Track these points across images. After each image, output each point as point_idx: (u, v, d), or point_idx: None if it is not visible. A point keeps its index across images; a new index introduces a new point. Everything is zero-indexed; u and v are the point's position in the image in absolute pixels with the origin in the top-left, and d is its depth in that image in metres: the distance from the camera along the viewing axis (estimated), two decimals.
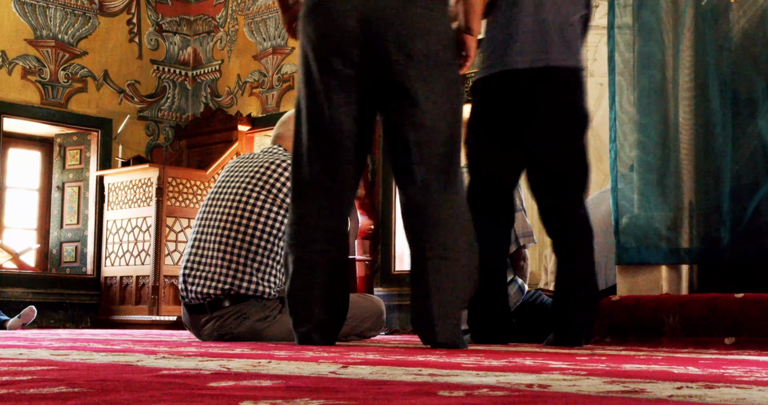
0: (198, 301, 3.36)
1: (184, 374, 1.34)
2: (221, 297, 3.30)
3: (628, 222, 3.27)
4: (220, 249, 3.33)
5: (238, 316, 3.30)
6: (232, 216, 3.36)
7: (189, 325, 3.47)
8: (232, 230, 3.34)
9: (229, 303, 3.30)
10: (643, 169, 3.27)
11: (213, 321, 3.33)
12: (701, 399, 1.00)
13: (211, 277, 3.32)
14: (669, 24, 3.29)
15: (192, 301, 3.38)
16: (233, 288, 3.28)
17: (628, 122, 3.33)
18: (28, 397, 0.97)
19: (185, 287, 3.41)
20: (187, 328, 3.54)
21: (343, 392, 1.06)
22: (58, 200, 9.04)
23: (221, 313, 3.31)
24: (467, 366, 1.58)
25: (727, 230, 3.09)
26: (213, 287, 3.31)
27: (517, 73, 3.04)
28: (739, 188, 3.11)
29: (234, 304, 3.30)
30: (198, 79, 9.65)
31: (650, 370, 1.54)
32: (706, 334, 2.93)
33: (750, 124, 3.12)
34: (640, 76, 3.32)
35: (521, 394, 1.04)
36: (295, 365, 1.57)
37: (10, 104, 8.36)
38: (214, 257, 3.34)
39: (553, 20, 3.03)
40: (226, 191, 3.44)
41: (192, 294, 3.36)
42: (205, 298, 3.33)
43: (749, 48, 3.19)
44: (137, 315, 8.03)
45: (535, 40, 3.03)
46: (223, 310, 3.30)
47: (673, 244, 3.21)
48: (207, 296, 3.32)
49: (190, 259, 3.43)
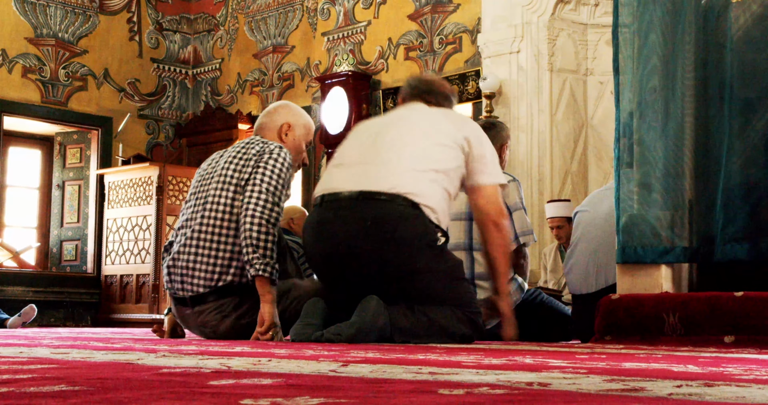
0: (181, 294, 3.38)
1: (185, 373, 1.34)
2: (202, 292, 3.32)
3: (628, 220, 3.27)
4: (200, 244, 3.33)
5: (218, 312, 3.31)
6: (209, 210, 3.35)
7: (176, 315, 3.51)
8: (209, 225, 3.33)
9: (210, 298, 3.32)
10: (643, 168, 3.27)
11: (195, 315, 3.36)
12: (701, 397, 1.00)
13: (192, 274, 3.33)
14: (670, 23, 3.29)
15: (175, 293, 3.41)
16: (212, 283, 3.30)
17: (630, 121, 3.32)
18: (29, 396, 0.97)
19: (169, 279, 3.44)
20: (174, 315, 3.57)
21: (343, 390, 1.06)
22: (58, 199, 9.04)
23: (201, 309, 3.33)
24: (467, 364, 1.58)
25: (727, 229, 3.09)
26: (195, 284, 3.32)
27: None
28: (739, 187, 3.10)
29: (216, 299, 3.31)
30: (198, 77, 9.65)
31: (650, 369, 1.54)
32: (705, 333, 2.93)
33: (750, 123, 3.12)
34: (642, 75, 3.32)
35: (521, 393, 1.04)
36: (295, 364, 1.57)
37: (10, 103, 8.36)
38: (194, 253, 3.34)
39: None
40: (203, 188, 3.44)
41: (176, 285, 3.39)
42: (187, 290, 3.35)
43: (749, 47, 3.18)
44: (137, 313, 8.03)
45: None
46: (204, 306, 3.33)
47: (673, 242, 3.21)
48: (189, 290, 3.34)
49: (173, 252, 3.43)
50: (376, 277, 2.87)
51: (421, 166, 2.93)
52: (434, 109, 3.19)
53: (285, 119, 3.59)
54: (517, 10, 6.88)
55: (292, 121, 3.59)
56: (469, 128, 3.12)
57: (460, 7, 7.54)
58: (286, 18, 8.91)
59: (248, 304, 3.31)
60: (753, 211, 3.08)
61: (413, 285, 2.89)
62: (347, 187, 2.94)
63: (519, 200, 3.86)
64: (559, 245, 6.39)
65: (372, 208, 2.87)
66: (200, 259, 3.32)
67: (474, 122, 3.29)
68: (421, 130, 3.03)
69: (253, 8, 9.22)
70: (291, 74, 8.82)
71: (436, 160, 2.96)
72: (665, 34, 3.29)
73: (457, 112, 3.34)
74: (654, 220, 3.23)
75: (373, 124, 3.24)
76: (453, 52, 7.56)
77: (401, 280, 2.88)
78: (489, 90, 6.85)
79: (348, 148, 3.12)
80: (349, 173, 2.99)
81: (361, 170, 2.96)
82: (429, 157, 2.96)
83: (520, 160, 6.75)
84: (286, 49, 8.89)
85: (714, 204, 3.15)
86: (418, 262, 2.88)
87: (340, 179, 3.00)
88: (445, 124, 3.08)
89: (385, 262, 2.86)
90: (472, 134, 3.08)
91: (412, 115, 3.15)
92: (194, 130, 9.34)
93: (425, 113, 3.16)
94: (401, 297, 2.88)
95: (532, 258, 6.12)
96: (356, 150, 3.07)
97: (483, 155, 3.07)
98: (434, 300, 2.92)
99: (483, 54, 7.09)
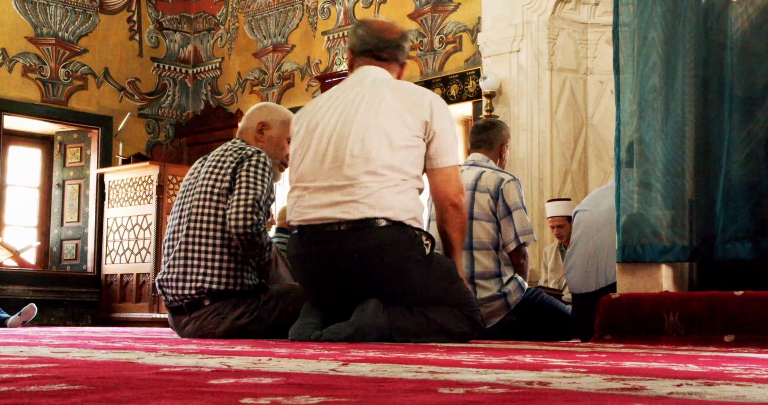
0: (177, 304, 3.38)
1: (185, 371, 1.34)
2: (197, 297, 3.32)
3: (628, 220, 3.27)
4: (188, 249, 3.34)
5: (215, 315, 3.31)
6: (194, 216, 3.35)
7: (172, 326, 3.50)
8: (195, 229, 3.34)
9: (206, 302, 3.31)
10: (644, 167, 3.27)
11: (193, 321, 3.35)
12: (701, 396, 1.00)
13: (183, 278, 3.33)
14: (670, 22, 3.29)
15: (172, 303, 3.41)
16: (205, 285, 3.30)
17: (630, 121, 3.32)
18: (29, 395, 0.97)
19: (163, 292, 3.43)
20: (172, 329, 3.56)
21: (343, 389, 1.06)
22: (58, 198, 9.04)
23: (199, 314, 3.33)
24: (467, 363, 1.58)
25: (728, 228, 3.09)
26: (188, 288, 3.32)
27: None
28: (740, 186, 3.10)
29: (212, 303, 3.31)
30: (198, 76, 9.64)
31: (650, 368, 1.54)
32: (705, 332, 2.93)
33: (750, 122, 3.12)
34: (642, 74, 3.32)
35: (521, 392, 1.04)
36: (295, 363, 1.57)
37: (10, 102, 8.36)
38: (184, 258, 3.34)
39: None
40: (188, 195, 3.44)
41: (171, 297, 3.39)
42: (181, 299, 3.34)
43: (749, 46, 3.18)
44: (138, 312, 8.03)
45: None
46: (201, 310, 3.32)
47: (673, 242, 3.21)
48: (184, 297, 3.34)
49: (164, 262, 3.45)
50: (370, 297, 2.87)
51: (392, 182, 2.85)
52: (387, 93, 2.96)
53: (259, 119, 3.59)
54: (517, 9, 6.88)
55: (267, 119, 3.59)
56: (426, 108, 2.95)
57: (460, 6, 7.54)
58: (286, 17, 8.91)
59: (245, 305, 3.31)
60: (754, 210, 3.08)
61: (409, 299, 2.89)
62: (325, 215, 2.87)
63: (519, 199, 3.86)
64: (559, 244, 6.39)
65: (355, 239, 2.83)
66: (189, 270, 3.33)
67: (431, 93, 3.08)
68: (382, 134, 2.88)
69: (253, 7, 9.22)
70: (291, 73, 8.82)
71: (403, 168, 2.88)
72: (665, 33, 3.29)
73: (410, 88, 3.04)
74: (654, 220, 3.23)
75: (325, 122, 3.00)
76: (453, 52, 7.56)
77: (396, 295, 2.88)
78: (489, 89, 6.85)
79: (309, 162, 2.97)
80: (322, 201, 2.89)
81: (336, 197, 2.86)
82: (396, 167, 2.86)
83: (520, 160, 6.75)
84: (287, 48, 8.89)
85: (714, 203, 3.15)
86: (411, 280, 2.88)
87: (313, 207, 2.91)
88: (403, 115, 2.91)
89: (376, 287, 2.85)
90: (430, 116, 2.94)
91: (369, 112, 2.93)
92: (194, 130, 9.34)
93: (380, 104, 2.94)
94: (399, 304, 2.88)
95: (533, 257, 6.12)
96: (318, 165, 2.93)
97: (442, 139, 2.95)
98: (432, 304, 2.92)
99: (483, 53, 7.09)
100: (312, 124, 3.02)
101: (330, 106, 3.03)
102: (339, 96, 3.04)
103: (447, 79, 7.52)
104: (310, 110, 3.09)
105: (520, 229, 3.81)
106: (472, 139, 4.15)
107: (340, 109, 2.99)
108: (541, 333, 3.88)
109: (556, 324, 3.97)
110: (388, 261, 2.84)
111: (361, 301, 2.85)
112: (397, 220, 2.84)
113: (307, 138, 3.01)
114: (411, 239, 2.87)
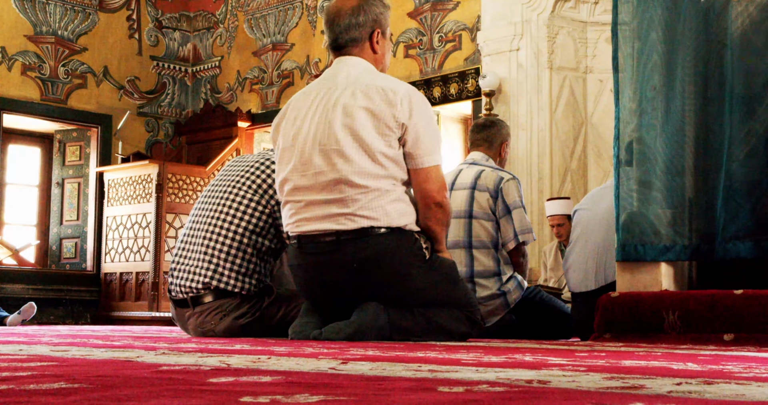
0: (182, 296, 3.42)
1: (184, 370, 1.34)
2: (202, 292, 3.36)
3: (628, 218, 3.27)
4: (204, 244, 3.40)
5: (218, 312, 3.33)
6: (218, 213, 3.43)
7: (176, 319, 3.54)
8: (216, 226, 3.40)
9: (210, 298, 3.35)
10: (643, 166, 3.27)
11: (195, 316, 3.39)
12: (700, 395, 1.00)
13: (193, 271, 3.39)
14: (670, 21, 3.29)
15: (177, 295, 3.45)
16: (212, 282, 3.34)
17: (630, 119, 3.32)
18: (28, 393, 0.97)
19: (171, 281, 3.49)
20: (176, 323, 3.59)
21: (342, 388, 1.06)
22: (57, 196, 9.04)
23: (202, 309, 3.37)
24: (467, 362, 1.58)
25: (728, 227, 3.09)
26: (195, 281, 3.38)
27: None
28: (741, 185, 3.10)
29: (215, 299, 3.35)
30: (198, 75, 9.64)
31: (649, 366, 1.54)
32: (705, 331, 2.93)
33: (750, 121, 3.12)
34: (642, 73, 3.32)
35: (521, 390, 1.04)
36: (294, 361, 1.57)
37: (9, 100, 8.35)
38: (198, 252, 3.41)
39: None
40: (217, 190, 3.52)
41: (177, 287, 3.44)
42: (187, 292, 3.39)
43: (749, 44, 3.18)
44: (137, 311, 8.03)
45: None
46: (204, 306, 3.35)
47: (672, 240, 3.21)
48: (189, 290, 3.39)
49: (178, 253, 3.52)
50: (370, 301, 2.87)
51: (383, 189, 2.83)
52: (360, 97, 2.87)
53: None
54: (516, 7, 6.88)
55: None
56: (403, 109, 2.85)
57: (459, 4, 7.53)
58: (285, 16, 8.91)
59: (248, 305, 3.34)
60: (755, 209, 3.08)
61: (410, 302, 2.90)
62: (322, 227, 2.86)
63: (518, 198, 3.86)
64: (559, 243, 6.39)
65: (353, 249, 2.82)
66: (201, 265, 3.38)
67: (404, 89, 2.93)
68: (362, 145, 2.83)
69: (253, 6, 9.21)
70: (291, 72, 8.82)
71: (391, 174, 2.86)
72: (665, 31, 3.29)
73: (383, 87, 2.89)
74: (654, 218, 3.23)
75: (304, 134, 2.92)
76: (453, 50, 7.56)
77: (397, 300, 2.88)
78: (489, 88, 6.85)
79: (297, 176, 2.93)
80: (316, 213, 2.87)
81: (332, 210, 2.84)
82: (383, 175, 2.84)
83: (520, 158, 6.75)
84: (286, 47, 8.89)
85: (714, 202, 3.15)
86: (413, 285, 2.88)
87: (307, 220, 2.90)
88: (380, 121, 2.84)
89: (378, 294, 2.86)
90: (408, 117, 2.86)
91: (345, 127, 2.85)
92: (194, 128, 9.34)
93: (355, 114, 2.86)
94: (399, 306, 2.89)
95: (532, 256, 6.12)
96: (307, 180, 2.90)
97: (421, 139, 2.88)
98: (433, 306, 2.92)
99: (483, 52, 7.08)
100: (291, 134, 2.97)
101: (306, 115, 2.96)
102: (314, 99, 2.97)
103: (446, 77, 7.52)
104: (288, 117, 3.02)
105: (519, 228, 3.81)
106: (471, 138, 4.15)
107: (316, 120, 2.91)
108: (541, 332, 3.88)
109: (556, 323, 3.97)
110: (390, 269, 2.84)
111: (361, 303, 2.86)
112: (395, 227, 2.84)
113: (288, 151, 2.97)
114: (411, 244, 2.87)
